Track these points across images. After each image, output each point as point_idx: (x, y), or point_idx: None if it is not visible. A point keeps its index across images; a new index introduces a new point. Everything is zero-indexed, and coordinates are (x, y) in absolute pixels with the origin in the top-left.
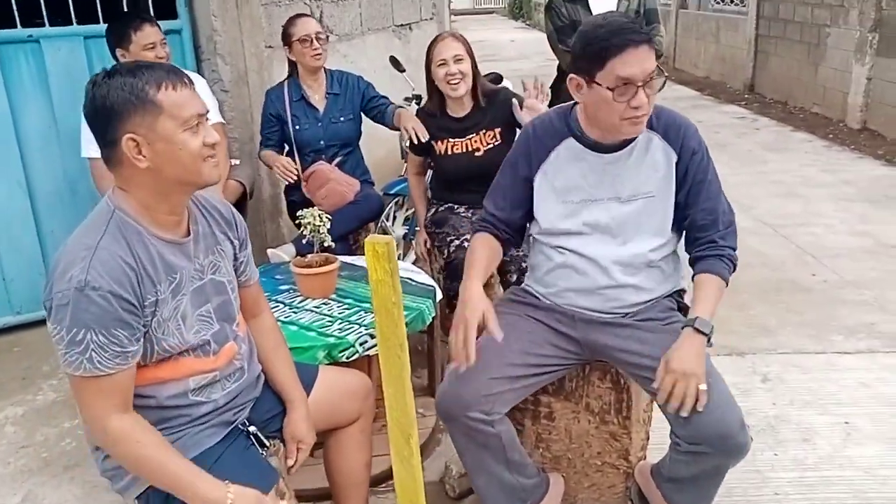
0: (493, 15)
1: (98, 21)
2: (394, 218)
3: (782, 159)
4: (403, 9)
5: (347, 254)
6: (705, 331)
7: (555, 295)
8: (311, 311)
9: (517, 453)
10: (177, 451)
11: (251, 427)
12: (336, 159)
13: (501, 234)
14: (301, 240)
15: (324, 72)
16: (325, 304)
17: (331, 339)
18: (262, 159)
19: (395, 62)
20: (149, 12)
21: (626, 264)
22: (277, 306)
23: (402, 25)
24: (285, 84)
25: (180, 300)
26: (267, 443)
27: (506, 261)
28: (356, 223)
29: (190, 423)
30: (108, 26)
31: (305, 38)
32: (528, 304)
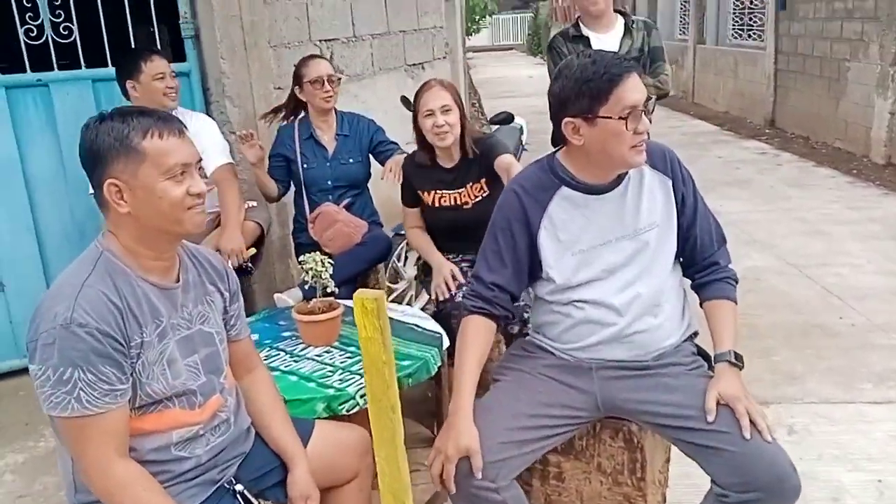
0: (512, 51)
1: (106, 65)
2: (405, 258)
3: (805, 195)
4: (416, 48)
5: None
6: (740, 364)
7: (579, 350)
8: (313, 359)
9: None
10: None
11: (238, 486)
12: (344, 200)
13: (496, 309)
14: (304, 284)
15: (334, 113)
16: (328, 353)
17: (330, 392)
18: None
19: (406, 102)
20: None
21: (649, 304)
22: (279, 354)
23: (415, 65)
24: (296, 123)
25: (166, 344)
26: (255, 502)
27: None
28: (363, 265)
29: (172, 481)
30: (117, 61)
31: (317, 80)
32: (538, 360)
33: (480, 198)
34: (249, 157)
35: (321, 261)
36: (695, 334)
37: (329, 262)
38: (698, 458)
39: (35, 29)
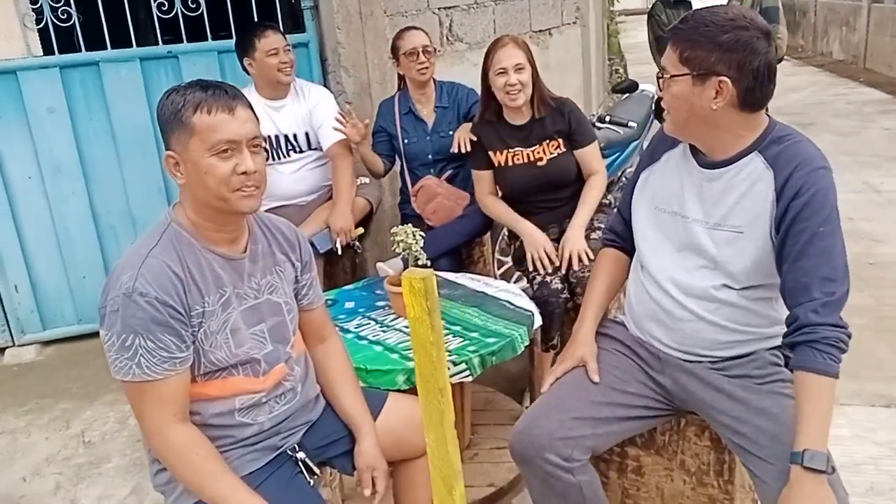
0: None
1: (231, 37)
2: None
3: None
4: (542, 14)
5: (457, 269)
6: (820, 468)
7: (636, 326)
8: (401, 330)
9: None
10: (231, 470)
11: (300, 454)
12: (446, 173)
13: (627, 244)
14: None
15: (433, 84)
16: None
17: (411, 364)
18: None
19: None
20: (277, 23)
21: (695, 295)
22: (370, 323)
23: (541, 31)
24: (396, 97)
25: (230, 314)
26: (317, 471)
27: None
28: (463, 237)
29: (233, 445)
30: (236, 38)
31: (412, 52)
32: (614, 339)
33: (556, 154)
34: (352, 136)
35: (412, 233)
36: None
37: (420, 235)
38: (750, 476)
39: (166, 3)
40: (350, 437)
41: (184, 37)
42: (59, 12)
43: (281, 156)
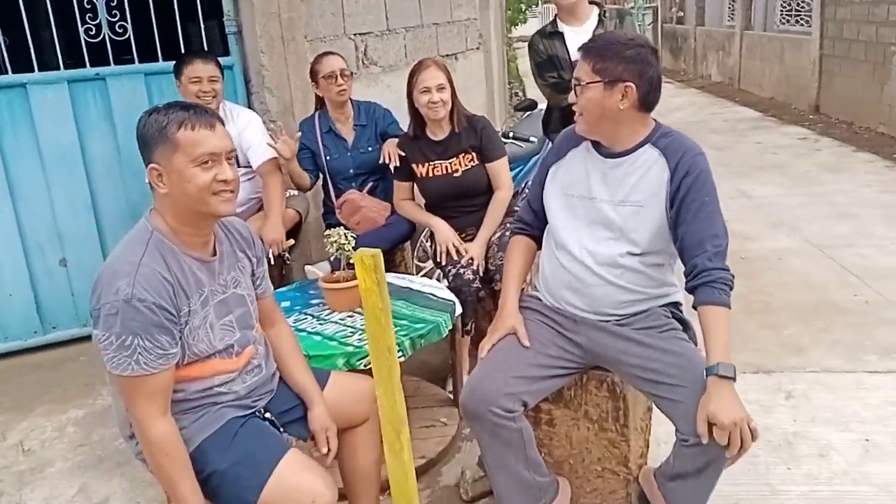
0: None
1: (157, 60)
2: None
3: (840, 180)
4: (448, 40)
5: None
6: (729, 375)
7: (551, 296)
8: (336, 322)
9: (534, 451)
10: (194, 478)
11: (267, 414)
12: (367, 185)
13: (535, 231)
14: (331, 258)
15: (351, 104)
16: (350, 317)
17: (349, 349)
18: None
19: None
20: (203, 49)
21: (604, 263)
22: (307, 318)
23: (448, 55)
24: (315, 116)
25: (208, 311)
26: (281, 428)
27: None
28: (386, 245)
29: (215, 405)
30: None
31: (330, 75)
32: (534, 310)
33: (470, 167)
34: (283, 152)
35: (345, 234)
36: (678, 304)
37: (352, 236)
38: (662, 407)
39: (94, 28)
40: (302, 406)
41: (111, 60)
42: None
43: None
